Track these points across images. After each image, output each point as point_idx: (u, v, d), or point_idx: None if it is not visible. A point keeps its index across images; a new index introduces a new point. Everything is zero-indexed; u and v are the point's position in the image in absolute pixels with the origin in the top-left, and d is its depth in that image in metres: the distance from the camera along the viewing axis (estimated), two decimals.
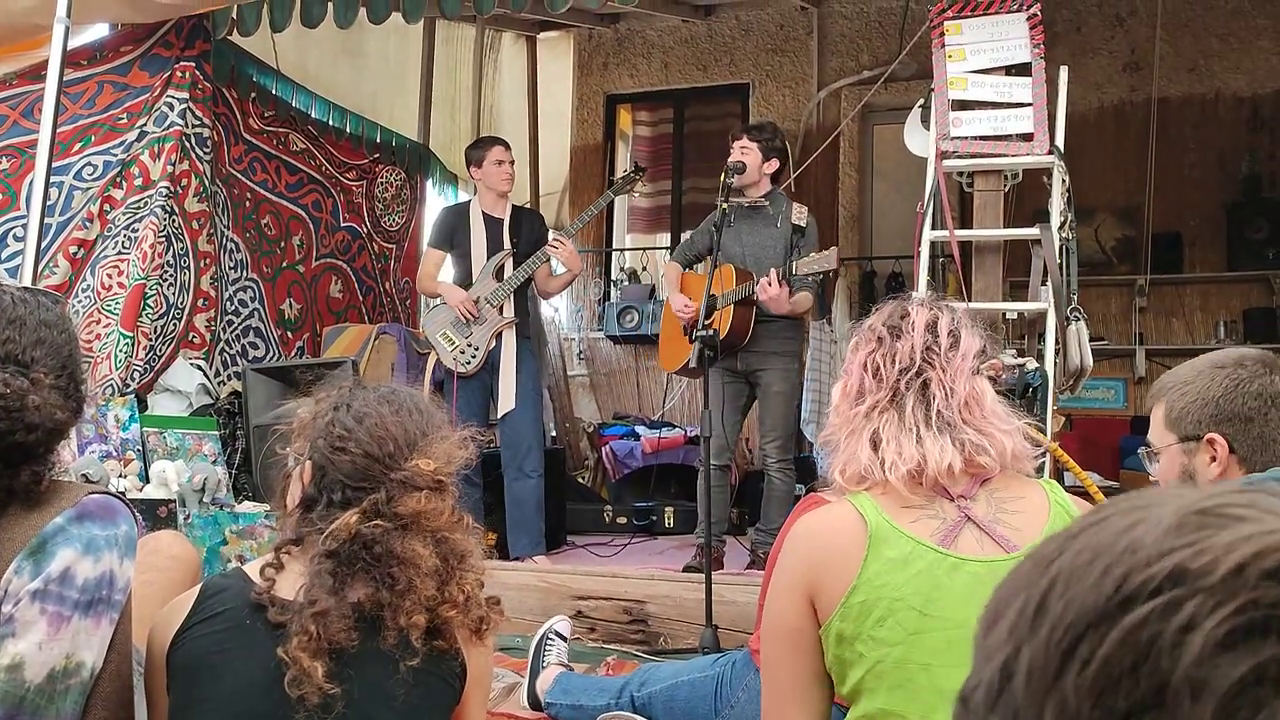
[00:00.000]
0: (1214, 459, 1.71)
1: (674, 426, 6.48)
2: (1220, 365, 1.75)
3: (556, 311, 7.42)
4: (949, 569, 1.44)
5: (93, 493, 1.51)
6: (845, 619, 1.43)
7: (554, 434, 6.43)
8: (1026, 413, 1.73)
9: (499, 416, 4.61)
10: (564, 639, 3.08)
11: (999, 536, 1.46)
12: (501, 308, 4.64)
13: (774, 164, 4.43)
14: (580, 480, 6.46)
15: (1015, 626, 0.50)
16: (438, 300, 4.82)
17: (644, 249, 7.81)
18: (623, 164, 7.84)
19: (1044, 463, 1.67)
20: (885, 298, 1.69)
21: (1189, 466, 1.73)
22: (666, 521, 5.70)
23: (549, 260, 4.73)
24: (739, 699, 2.41)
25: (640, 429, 6.40)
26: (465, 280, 4.73)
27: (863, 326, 1.63)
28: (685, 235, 7.26)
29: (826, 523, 1.52)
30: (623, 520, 5.72)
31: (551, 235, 4.75)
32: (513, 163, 4.84)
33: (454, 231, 4.80)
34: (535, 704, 2.86)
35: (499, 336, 4.64)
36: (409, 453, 1.55)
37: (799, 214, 4.44)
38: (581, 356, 7.55)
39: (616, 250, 7.87)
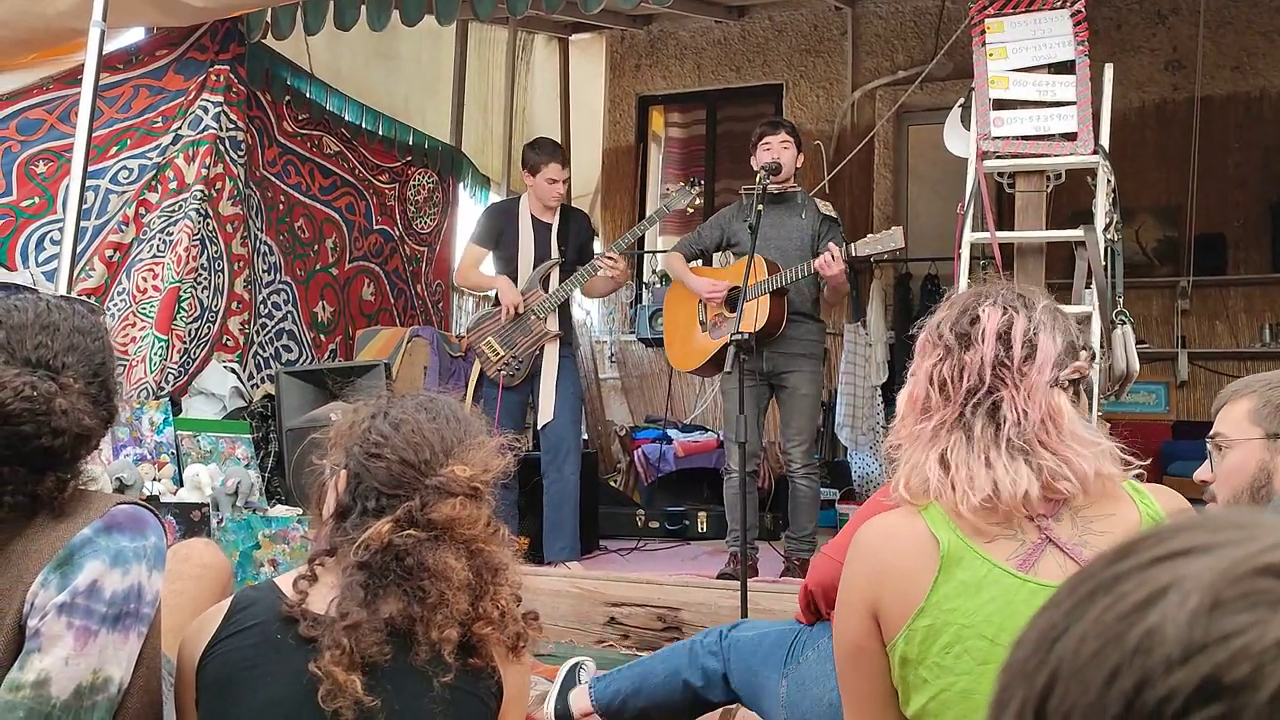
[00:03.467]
0: None
1: (706, 430, 6.43)
2: None
3: (588, 314, 7.39)
4: (1027, 596, 1.31)
5: (121, 503, 1.49)
6: (909, 642, 1.34)
7: (586, 437, 6.40)
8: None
9: (540, 427, 4.58)
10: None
11: (1083, 561, 1.32)
12: (546, 319, 4.59)
13: (801, 156, 4.41)
14: (612, 484, 6.42)
15: None
16: (474, 302, 4.78)
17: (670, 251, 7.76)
18: (656, 166, 7.80)
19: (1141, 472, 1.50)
20: (979, 278, 1.56)
21: (1269, 464, 1.69)
22: (699, 526, 5.65)
23: (598, 272, 4.64)
24: (807, 658, 2.37)
25: (672, 433, 6.35)
26: None
27: (930, 324, 1.47)
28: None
29: (894, 536, 1.40)
30: (655, 525, 5.68)
31: (604, 253, 4.65)
32: (567, 180, 4.74)
33: (501, 232, 4.70)
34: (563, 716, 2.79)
35: (542, 348, 4.60)
36: (445, 459, 1.52)
37: (825, 205, 4.44)
38: (613, 359, 7.51)
39: (648, 252, 7.83)
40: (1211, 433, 1.79)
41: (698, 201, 5.09)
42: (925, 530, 1.37)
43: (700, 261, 4.70)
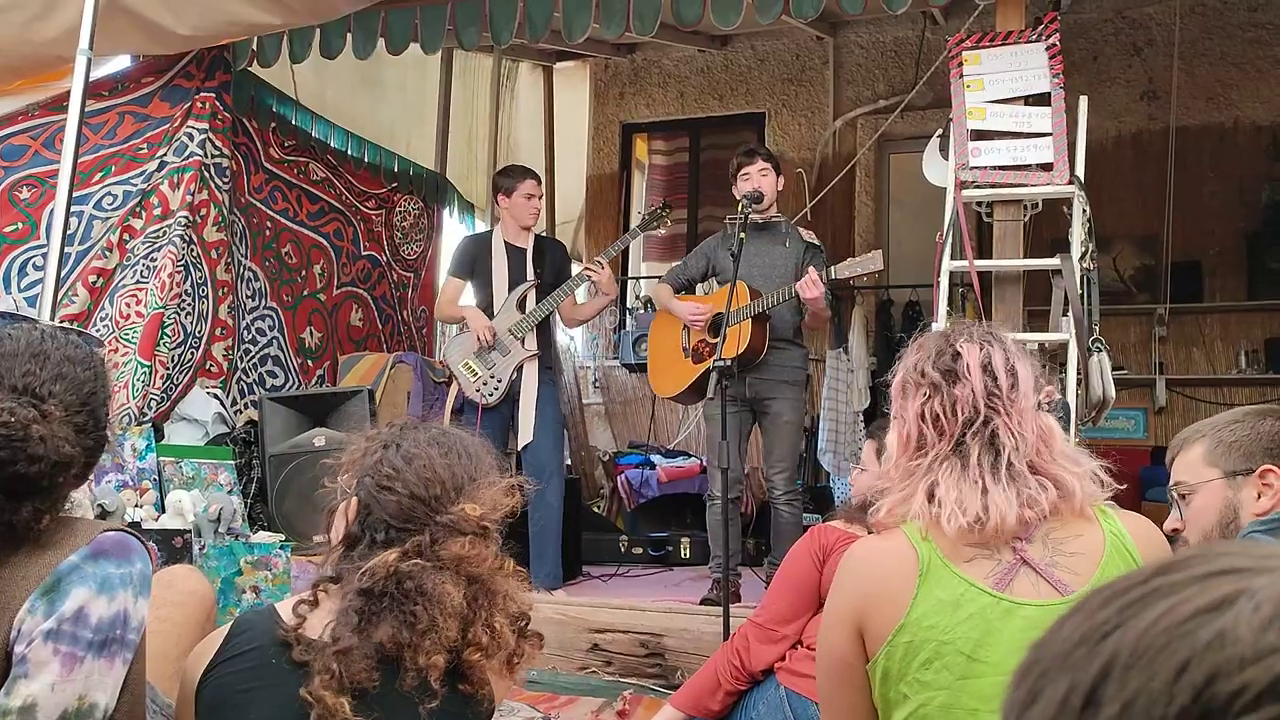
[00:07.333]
0: (1261, 494, 1.71)
1: (689, 455, 6.45)
2: (1267, 413, 1.79)
3: (572, 340, 7.41)
4: (1002, 613, 1.38)
5: (108, 530, 1.49)
6: (890, 658, 1.39)
7: (569, 463, 6.40)
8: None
9: (520, 449, 4.59)
10: None
11: (1056, 581, 1.41)
12: (524, 340, 4.62)
13: (782, 180, 4.45)
14: (595, 510, 6.42)
15: (1056, 718, 0.41)
16: (457, 327, 4.81)
17: (659, 278, 7.79)
18: (639, 193, 7.85)
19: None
20: (919, 327, 1.63)
21: (1234, 500, 1.72)
22: (682, 552, 5.65)
23: (574, 291, 4.70)
24: (759, 711, 2.42)
25: (656, 458, 6.36)
26: (486, 310, 4.70)
27: (908, 366, 1.52)
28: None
29: (878, 554, 1.46)
30: (638, 551, 5.67)
31: (587, 263, 4.72)
32: (541, 197, 4.78)
33: (475, 261, 4.75)
34: None
35: (520, 368, 4.62)
36: (456, 496, 1.53)
37: (809, 234, 4.50)
38: (597, 385, 7.53)
39: (632, 278, 7.87)
40: (1172, 483, 1.82)
41: (667, 223, 5.13)
42: (907, 548, 1.42)
43: (701, 289, 4.77)
